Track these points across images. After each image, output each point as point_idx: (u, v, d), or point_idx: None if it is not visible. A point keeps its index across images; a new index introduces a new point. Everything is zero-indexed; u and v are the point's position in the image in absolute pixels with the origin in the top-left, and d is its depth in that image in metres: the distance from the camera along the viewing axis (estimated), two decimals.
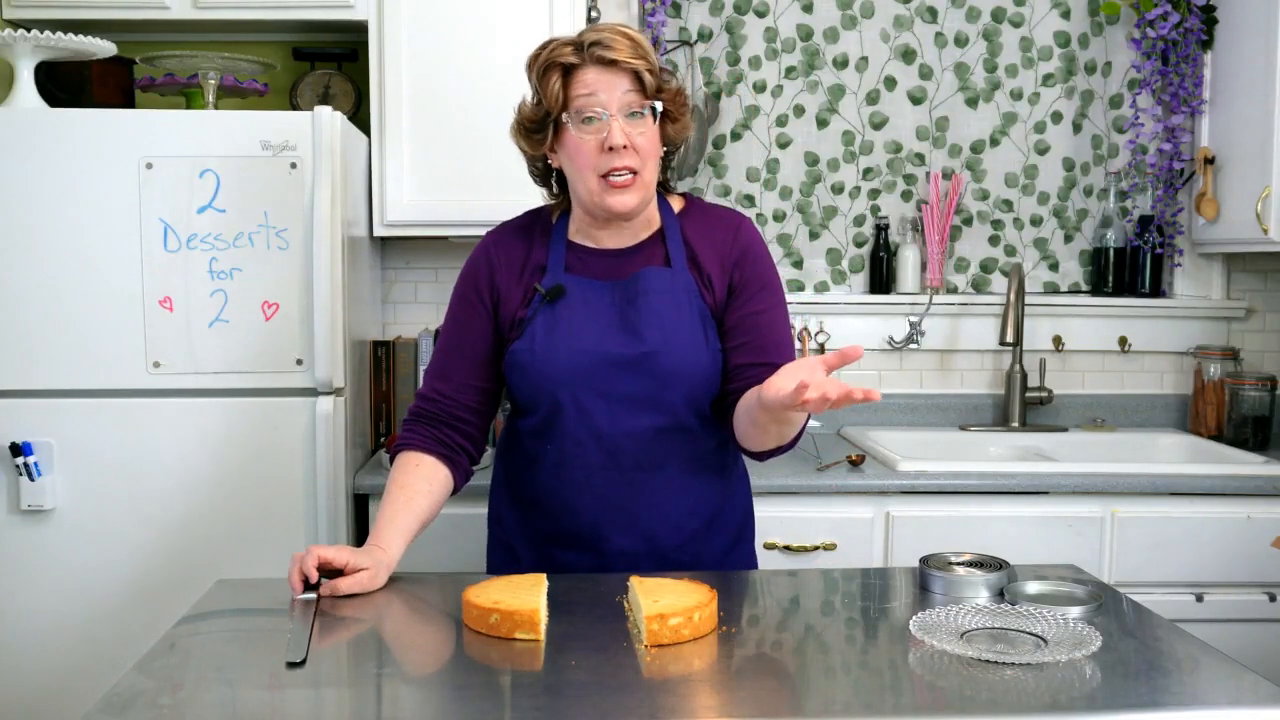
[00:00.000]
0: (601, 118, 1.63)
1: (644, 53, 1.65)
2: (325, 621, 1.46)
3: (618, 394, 1.69)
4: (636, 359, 1.68)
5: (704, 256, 1.75)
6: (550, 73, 1.65)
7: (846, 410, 3.01)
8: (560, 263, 1.74)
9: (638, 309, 1.70)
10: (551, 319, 1.71)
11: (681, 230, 1.77)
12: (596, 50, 1.63)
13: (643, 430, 1.70)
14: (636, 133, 1.65)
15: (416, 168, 2.61)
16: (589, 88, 1.63)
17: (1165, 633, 1.42)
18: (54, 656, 2.31)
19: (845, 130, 3.06)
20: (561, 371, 1.69)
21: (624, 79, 1.64)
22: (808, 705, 1.23)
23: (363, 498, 2.46)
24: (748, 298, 1.74)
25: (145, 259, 2.29)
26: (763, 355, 1.71)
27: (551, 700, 1.20)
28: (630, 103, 1.64)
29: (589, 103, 1.63)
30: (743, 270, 1.75)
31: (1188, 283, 3.07)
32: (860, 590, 1.63)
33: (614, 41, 1.63)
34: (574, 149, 1.66)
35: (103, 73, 2.57)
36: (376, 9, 2.58)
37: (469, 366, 1.77)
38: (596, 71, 1.63)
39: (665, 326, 1.69)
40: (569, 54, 1.64)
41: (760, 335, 1.73)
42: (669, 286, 1.71)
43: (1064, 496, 2.42)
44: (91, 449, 2.30)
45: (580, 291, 1.72)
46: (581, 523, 1.74)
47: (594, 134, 1.64)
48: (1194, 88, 2.96)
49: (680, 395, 1.70)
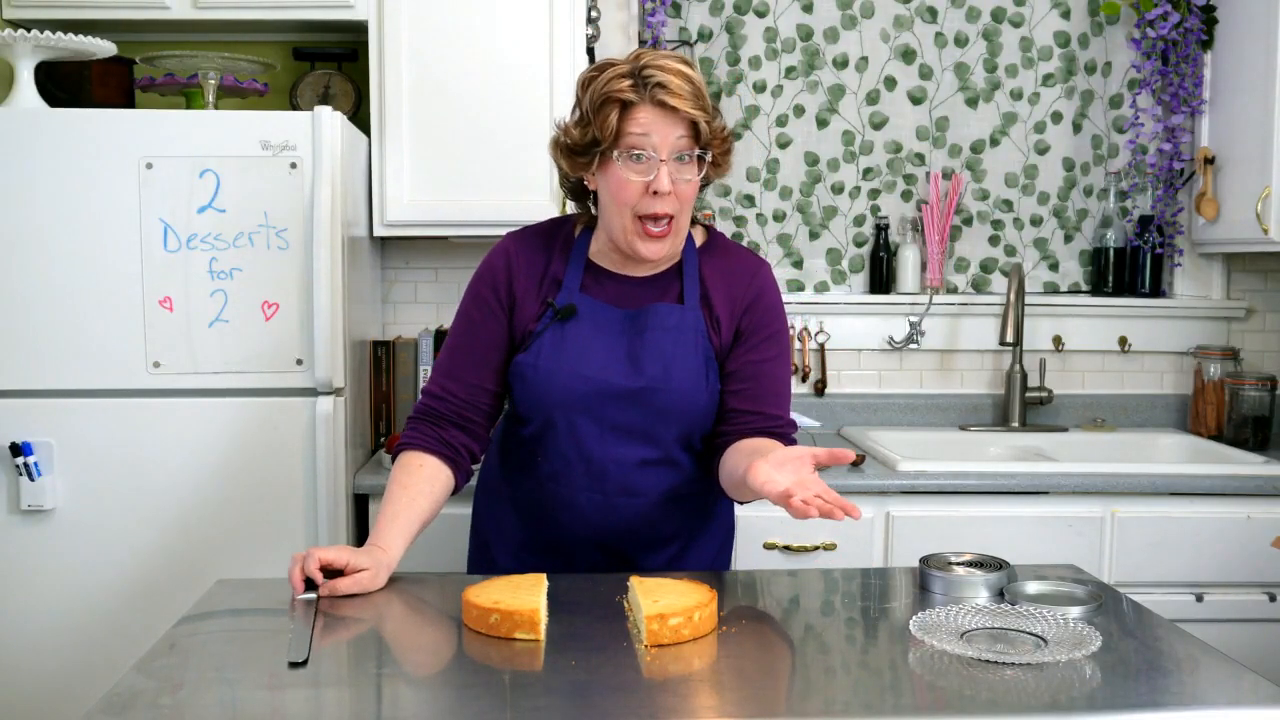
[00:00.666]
0: (651, 159, 1.61)
1: (702, 101, 1.62)
2: (325, 621, 1.46)
3: (612, 422, 1.70)
4: (635, 391, 1.69)
5: (716, 297, 1.74)
6: (607, 106, 1.61)
7: (846, 410, 3.02)
8: (577, 281, 1.73)
9: (644, 341, 1.70)
10: (559, 338, 1.71)
11: (700, 267, 1.76)
12: (659, 93, 1.59)
13: (631, 460, 1.72)
14: (682, 179, 1.63)
15: (416, 168, 2.61)
16: (643, 128, 1.60)
17: (1165, 633, 1.42)
18: (54, 656, 2.31)
19: (845, 130, 3.06)
20: (560, 392, 1.69)
21: (680, 125, 1.61)
22: (808, 705, 1.23)
23: (363, 498, 2.46)
24: (753, 345, 1.74)
25: (145, 259, 2.29)
26: (758, 404, 1.73)
27: (551, 700, 1.20)
28: (682, 146, 1.62)
29: (641, 142, 1.61)
30: (752, 316, 1.75)
31: (1188, 283, 3.07)
32: (860, 590, 1.63)
33: (676, 87, 1.59)
34: (617, 184, 1.64)
35: (103, 73, 2.57)
36: (376, 9, 2.58)
37: (481, 368, 1.75)
38: (654, 113, 1.60)
39: (668, 362, 1.69)
40: (628, 89, 1.60)
41: (759, 384, 1.74)
42: (678, 324, 1.71)
43: (1064, 496, 2.42)
44: (91, 449, 2.30)
45: (592, 314, 1.72)
46: (556, 534, 1.76)
47: (640, 174, 1.62)
48: (1194, 88, 2.96)
49: (674, 430, 1.72)
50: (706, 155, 1.65)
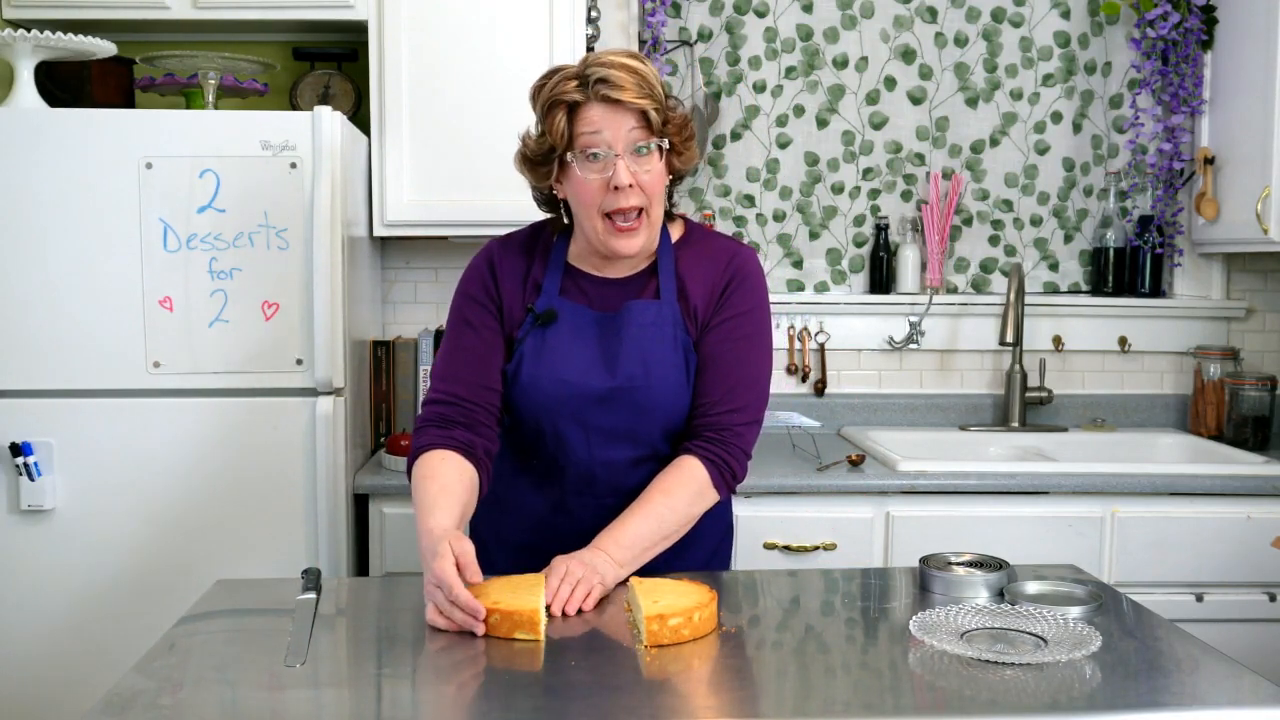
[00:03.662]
0: (607, 156, 1.61)
1: (650, 89, 1.61)
2: (325, 621, 1.46)
3: (595, 425, 1.70)
4: (615, 392, 1.69)
5: (693, 288, 1.74)
6: (555, 110, 1.62)
7: (846, 410, 3.02)
8: (556, 286, 1.74)
9: (621, 341, 1.70)
10: (540, 344, 1.71)
11: (676, 261, 1.75)
12: (602, 89, 1.59)
13: (619, 460, 1.72)
14: (643, 170, 1.63)
15: (416, 168, 2.61)
16: (594, 125, 1.60)
17: (1165, 633, 1.42)
18: (54, 656, 2.31)
19: (845, 130, 3.06)
20: (543, 399, 1.70)
21: (630, 117, 1.61)
22: (808, 705, 1.23)
23: (363, 497, 2.46)
24: (718, 324, 1.73)
25: (145, 259, 2.29)
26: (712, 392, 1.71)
27: (551, 700, 1.20)
28: (636, 139, 1.62)
29: (593, 140, 1.61)
30: (726, 296, 1.74)
31: (1188, 283, 3.07)
32: (860, 590, 1.63)
33: (620, 80, 1.59)
34: (579, 187, 1.64)
35: (103, 73, 2.56)
36: (376, 9, 2.58)
37: (482, 367, 1.73)
38: (602, 110, 1.60)
39: (647, 360, 1.69)
40: (573, 90, 1.60)
41: (719, 368, 1.71)
42: (655, 319, 1.71)
43: (1064, 496, 2.42)
44: (91, 449, 2.30)
45: (571, 319, 1.72)
46: (549, 537, 1.75)
47: (599, 173, 1.62)
48: (1194, 88, 2.96)
49: (657, 427, 1.72)
50: (664, 144, 1.65)
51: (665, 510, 1.65)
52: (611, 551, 1.59)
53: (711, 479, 1.69)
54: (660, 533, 1.64)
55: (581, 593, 1.50)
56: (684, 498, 1.67)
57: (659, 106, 1.63)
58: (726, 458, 1.70)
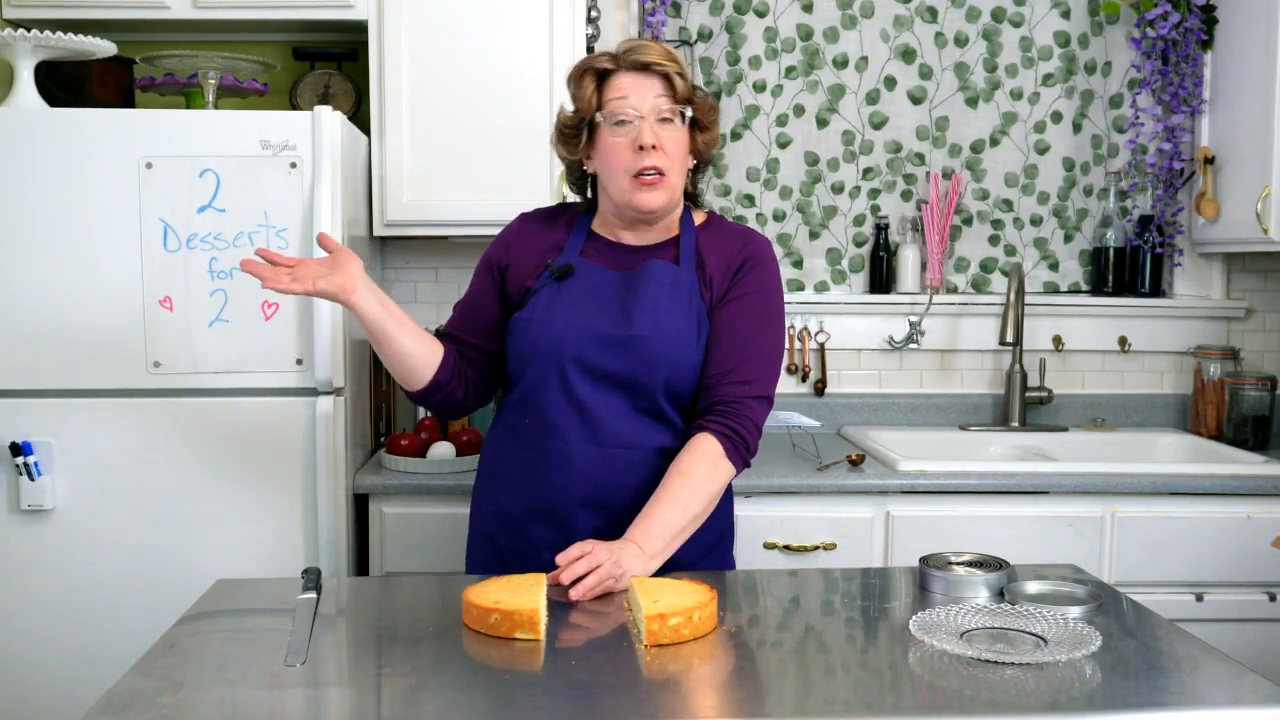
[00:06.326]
0: (633, 120, 1.73)
1: (675, 59, 1.75)
2: (325, 621, 1.46)
3: (601, 370, 1.75)
4: (624, 340, 1.74)
5: (711, 261, 1.82)
6: (585, 78, 1.76)
7: (846, 410, 3.02)
8: (577, 247, 1.84)
9: (636, 296, 1.77)
10: (555, 294, 1.79)
11: (697, 239, 1.84)
12: (630, 55, 1.74)
13: (621, 408, 1.76)
14: (667, 136, 1.74)
15: (416, 168, 2.61)
16: (622, 91, 1.74)
17: (1165, 633, 1.42)
18: (54, 656, 2.31)
19: (845, 130, 3.06)
20: (552, 342, 1.76)
21: (656, 83, 1.74)
22: (808, 705, 1.23)
23: (363, 497, 2.46)
24: (735, 298, 1.80)
25: (145, 259, 2.29)
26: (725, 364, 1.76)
27: (551, 700, 1.20)
28: (661, 107, 1.74)
29: (621, 105, 1.73)
30: (742, 274, 1.81)
31: (1188, 282, 3.07)
32: (860, 590, 1.63)
33: (647, 48, 1.74)
34: (607, 150, 1.75)
35: (103, 72, 2.56)
36: (376, 9, 2.58)
37: (474, 325, 1.88)
38: (630, 76, 1.74)
39: (659, 315, 1.75)
40: (604, 60, 1.76)
41: (733, 339, 1.78)
42: (672, 281, 1.78)
43: (1064, 496, 2.42)
44: (91, 449, 2.30)
45: (588, 274, 1.80)
46: (552, 498, 1.77)
47: (625, 135, 1.74)
48: (1194, 87, 2.96)
49: (660, 381, 1.75)
50: (687, 112, 1.76)
51: (686, 493, 1.69)
52: (643, 543, 1.62)
53: (725, 450, 1.73)
54: (687, 515, 1.68)
55: (594, 580, 1.52)
56: (701, 474, 1.71)
57: (683, 74, 1.76)
58: (738, 428, 1.74)
